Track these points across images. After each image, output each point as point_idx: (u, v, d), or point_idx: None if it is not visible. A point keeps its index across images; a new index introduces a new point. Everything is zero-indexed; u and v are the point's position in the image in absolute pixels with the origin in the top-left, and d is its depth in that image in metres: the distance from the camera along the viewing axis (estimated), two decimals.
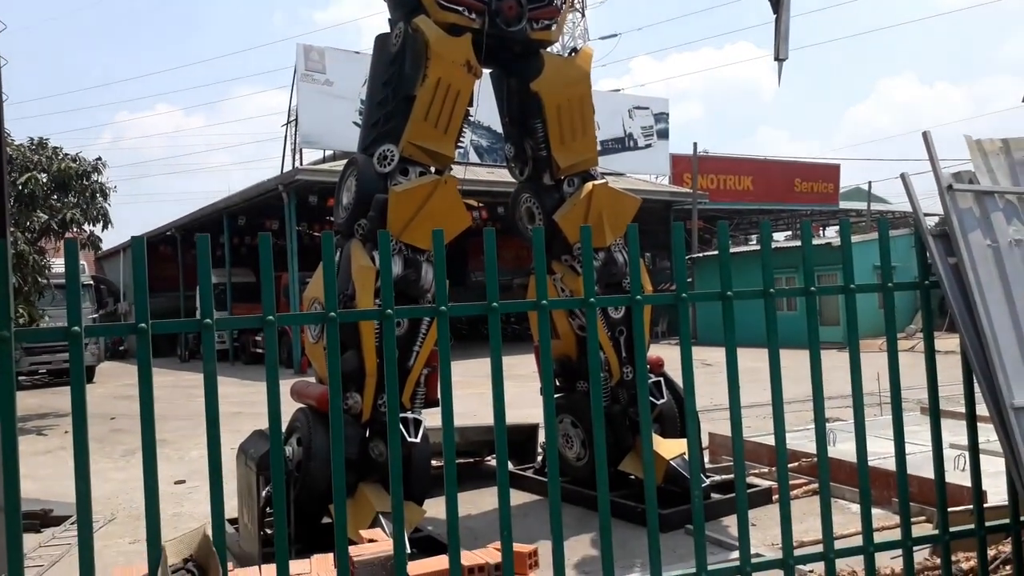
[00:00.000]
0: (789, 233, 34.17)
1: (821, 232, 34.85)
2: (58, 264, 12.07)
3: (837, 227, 34.68)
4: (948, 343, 6.79)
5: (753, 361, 3.74)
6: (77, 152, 12.33)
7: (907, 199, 2.94)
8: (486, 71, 5.39)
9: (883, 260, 2.84)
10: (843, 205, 30.15)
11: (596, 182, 5.46)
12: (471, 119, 5.21)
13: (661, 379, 5.56)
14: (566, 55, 5.68)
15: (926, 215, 2.87)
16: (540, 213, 5.55)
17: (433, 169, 5.04)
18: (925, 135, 2.71)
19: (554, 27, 5.42)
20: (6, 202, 2.68)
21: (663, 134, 24.74)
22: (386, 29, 5.26)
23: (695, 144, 23.76)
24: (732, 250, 4.16)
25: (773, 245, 3.05)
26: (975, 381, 2.75)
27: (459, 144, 5.18)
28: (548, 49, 5.54)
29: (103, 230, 13.21)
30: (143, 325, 2.26)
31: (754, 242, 32.75)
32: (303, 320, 4.51)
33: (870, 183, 28.63)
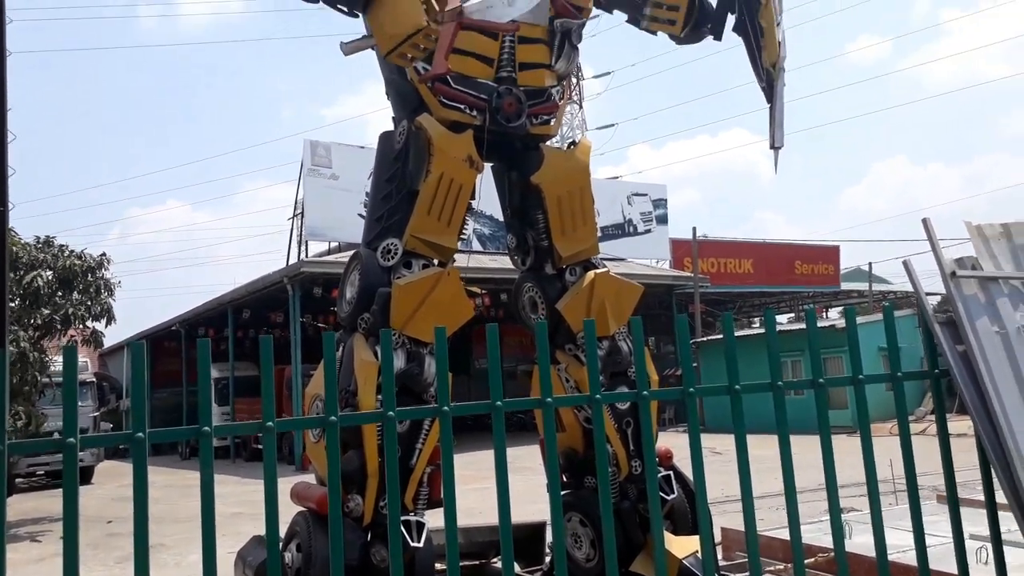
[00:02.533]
0: (792, 315, 34.17)
1: (824, 313, 34.83)
2: (59, 362, 12.04)
3: (840, 308, 34.78)
4: (960, 425, 6.66)
5: (762, 448, 3.65)
6: (83, 249, 12.50)
7: (908, 280, 2.93)
8: (488, 164, 5.49)
9: (891, 350, 2.81)
10: (844, 286, 30.26)
11: (598, 271, 5.48)
12: (474, 211, 5.28)
13: (671, 472, 5.42)
14: (565, 147, 5.79)
15: (928, 294, 2.85)
16: (543, 303, 5.55)
17: (436, 261, 5.08)
18: (925, 221, 2.72)
19: (553, 121, 5.55)
20: (6, 309, 2.68)
21: (662, 219, 25.08)
22: (389, 125, 5.39)
23: (694, 229, 24.06)
24: (737, 333, 4.15)
25: (777, 328, 3.03)
26: (992, 470, 2.68)
27: (462, 236, 5.23)
28: (548, 142, 5.65)
29: (106, 326, 13.25)
30: (140, 434, 2.21)
31: (757, 325, 32.72)
32: (304, 424, 4.45)
33: (870, 264, 28.84)
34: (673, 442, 5.48)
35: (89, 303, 11.91)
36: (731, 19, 5.80)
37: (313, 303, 20.82)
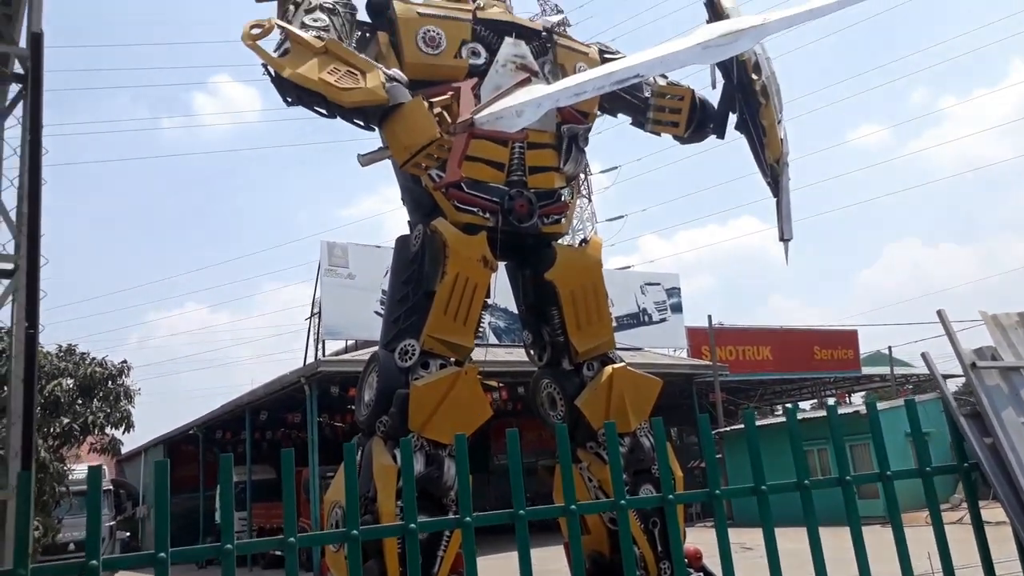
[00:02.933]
0: (815, 401, 33.62)
1: (847, 399, 34.25)
2: (78, 470, 11.99)
3: (863, 394, 34.22)
4: (997, 512, 6.44)
5: (793, 542, 3.55)
6: (104, 356, 12.65)
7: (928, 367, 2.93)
8: (501, 263, 5.58)
9: (918, 444, 2.77)
10: (865, 370, 29.84)
11: (616, 365, 5.47)
12: (489, 307, 5.35)
13: (701, 573, 5.27)
14: (577, 244, 5.89)
15: (947, 376, 2.84)
16: (561, 399, 5.52)
17: (453, 360, 5.10)
18: (940, 313, 2.74)
19: (563, 220, 5.67)
20: (34, 430, 2.71)
21: (676, 308, 25.10)
22: (403, 223, 5.54)
23: (710, 317, 24.05)
24: (759, 423, 4.11)
25: (800, 416, 3.02)
26: None
27: (478, 334, 5.27)
28: (559, 240, 5.75)
29: (124, 433, 13.26)
30: (162, 555, 2.20)
31: (779, 412, 32.17)
32: (324, 540, 4.34)
33: (890, 348, 28.55)
34: (701, 539, 5.33)
35: (109, 411, 11.96)
36: (732, 118, 5.99)
37: (330, 402, 20.75)
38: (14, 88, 4.27)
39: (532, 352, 5.85)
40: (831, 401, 33.92)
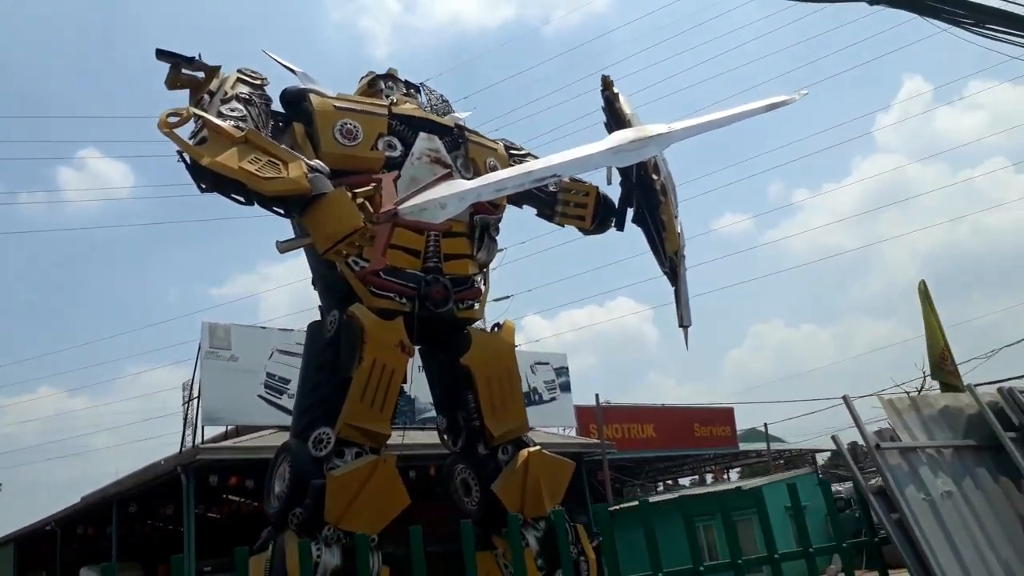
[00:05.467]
0: (696, 477, 34.61)
1: (726, 475, 35.45)
2: None
3: (738, 469, 35.53)
4: None
5: None
6: None
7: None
8: (417, 348, 5.63)
9: (832, 518, 3.01)
10: (743, 446, 31.09)
11: (531, 449, 5.57)
12: (405, 394, 5.36)
13: None
14: (489, 328, 6.02)
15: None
16: (476, 485, 5.54)
17: (368, 448, 5.05)
18: (846, 398, 3.03)
19: (477, 305, 5.82)
20: None
21: (565, 387, 25.48)
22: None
23: (597, 396, 24.54)
24: (651, 499, 4.35)
25: (685, 492, 3.25)
26: None
27: (393, 421, 5.26)
28: (473, 325, 5.87)
29: None
30: None
31: (661, 488, 32.86)
32: None
33: (766, 425, 29.91)
34: None
35: None
36: (629, 212, 6.41)
37: (208, 492, 19.59)
38: None
39: (446, 437, 5.87)
40: (709, 478, 35.05)
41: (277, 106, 5.62)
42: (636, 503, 20.62)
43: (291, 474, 4.90)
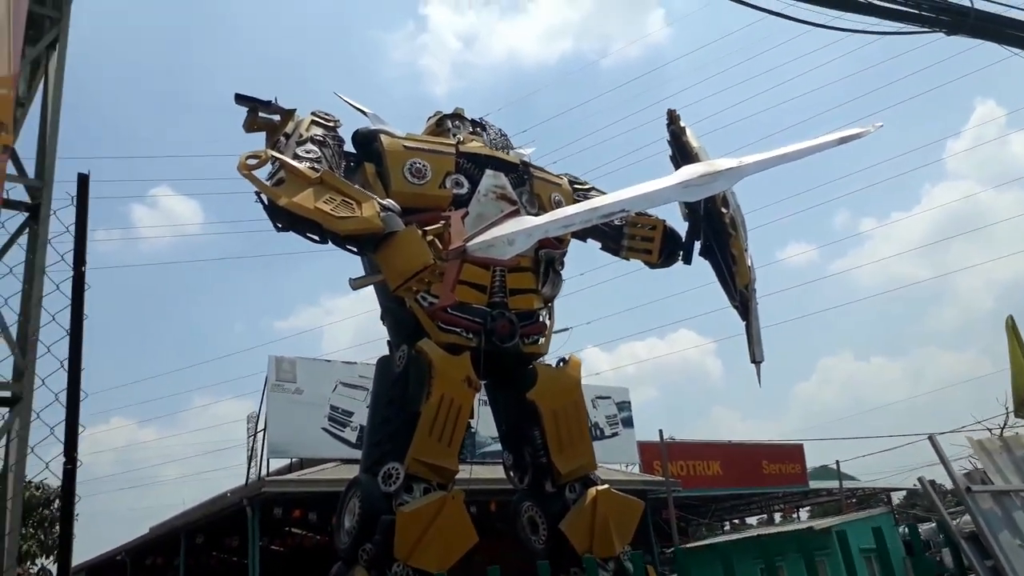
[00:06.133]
0: (764, 516, 33.56)
1: (796, 513, 34.30)
2: None
3: (809, 508, 34.32)
4: None
5: None
6: (42, 479, 12.01)
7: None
8: (483, 383, 5.65)
9: (919, 561, 2.90)
10: (812, 484, 30.08)
11: (599, 487, 5.50)
12: (472, 431, 5.38)
13: None
14: (555, 364, 6.01)
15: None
16: (543, 523, 5.49)
17: (435, 484, 5.07)
18: (932, 438, 2.92)
19: (542, 340, 5.82)
20: (70, 562, 2.61)
21: (627, 422, 25.13)
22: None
23: (661, 432, 24.12)
24: (720, 540, 4.19)
25: (755, 531, 3.13)
26: None
27: (461, 457, 5.27)
28: (539, 360, 5.87)
29: (55, 563, 12.44)
30: None
31: (728, 528, 31.95)
32: None
33: (838, 462, 28.90)
34: None
35: (43, 537, 11.27)
36: (697, 245, 6.35)
37: (272, 525, 19.84)
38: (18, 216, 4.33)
39: (512, 474, 5.84)
40: (778, 517, 33.95)
41: (349, 147, 5.80)
42: (706, 543, 20.11)
43: (361, 509, 4.94)
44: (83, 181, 2.72)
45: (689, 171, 4.44)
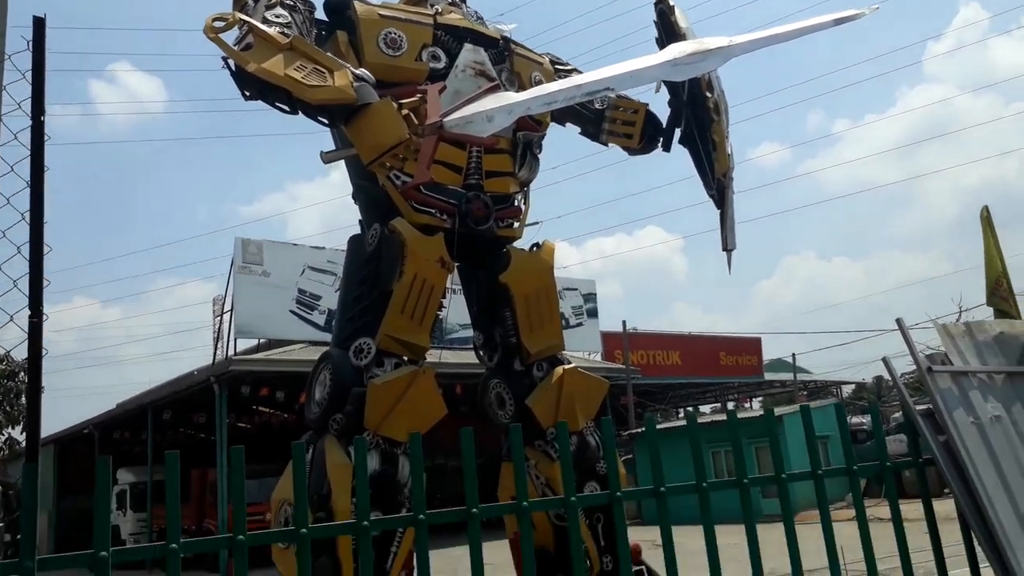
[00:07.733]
0: (718, 405, 34.95)
1: (748, 403, 35.77)
2: None
3: (761, 399, 35.81)
4: (882, 511, 6.91)
5: (725, 537, 3.79)
6: (6, 351, 11.94)
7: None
8: (456, 265, 5.64)
9: (811, 452, 3.03)
10: (768, 376, 31.26)
11: (566, 366, 5.62)
12: (443, 310, 5.40)
13: (643, 567, 5.47)
14: (528, 249, 6.00)
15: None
16: (511, 399, 5.62)
17: (407, 359, 5.13)
18: (899, 321, 3.00)
19: (517, 224, 5.78)
20: (39, 424, 2.61)
21: (592, 313, 25.63)
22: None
23: (624, 322, 24.68)
24: (667, 424, 4.37)
25: (704, 419, 3.26)
26: (975, 543, 2.88)
27: (432, 335, 5.32)
28: (513, 244, 5.86)
29: (23, 432, 12.55)
30: (174, 546, 2.19)
31: (682, 415, 33.29)
32: (274, 538, 4.24)
33: (794, 355, 29.97)
34: (640, 537, 5.53)
35: (9, 408, 11.30)
36: (677, 131, 6.26)
37: (239, 403, 20.18)
38: None
39: (482, 353, 5.93)
40: (731, 405, 35.41)
41: (320, 14, 5.52)
42: (665, 425, 20.94)
43: (332, 381, 5.00)
44: (39, 24, 2.55)
45: (677, 49, 4.31)
